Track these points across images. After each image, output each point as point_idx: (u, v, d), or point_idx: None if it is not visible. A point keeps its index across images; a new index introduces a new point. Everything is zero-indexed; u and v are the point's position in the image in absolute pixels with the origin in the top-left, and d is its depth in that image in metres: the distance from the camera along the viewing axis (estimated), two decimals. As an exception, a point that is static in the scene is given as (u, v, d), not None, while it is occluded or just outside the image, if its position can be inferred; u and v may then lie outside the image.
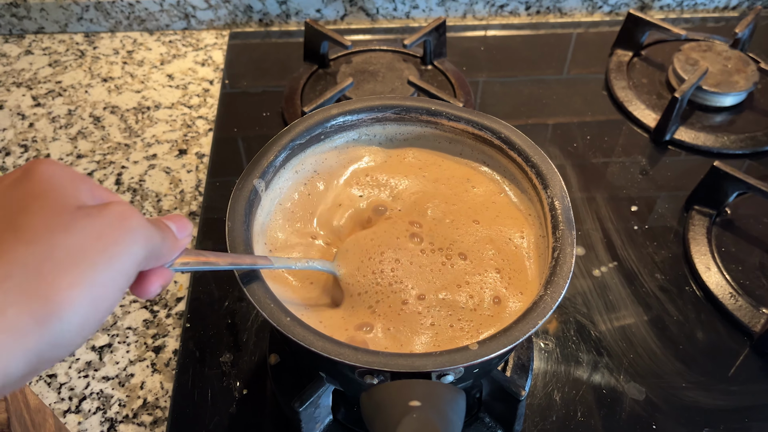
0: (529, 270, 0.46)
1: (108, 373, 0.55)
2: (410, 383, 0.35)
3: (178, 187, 0.70)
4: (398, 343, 0.42)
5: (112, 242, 0.28)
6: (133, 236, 0.29)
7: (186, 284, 0.61)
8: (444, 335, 0.43)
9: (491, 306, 0.44)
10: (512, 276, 0.46)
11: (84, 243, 0.27)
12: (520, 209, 0.49)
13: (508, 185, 0.51)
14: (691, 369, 0.56)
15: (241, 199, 0.45)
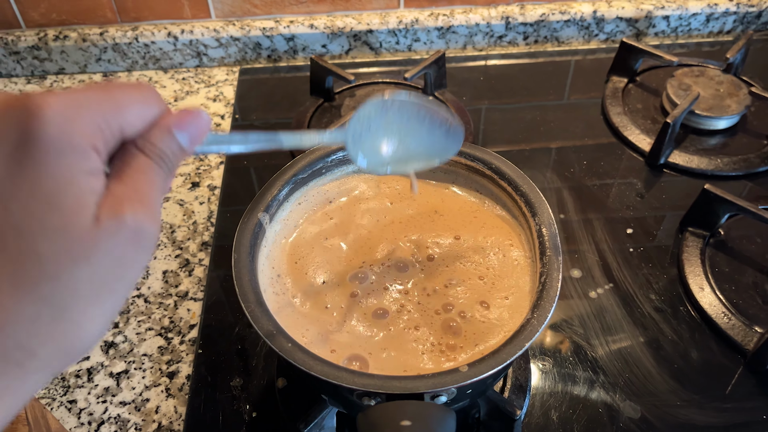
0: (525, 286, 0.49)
1: (125, 398, 0.58)
2: (403, 404, 0.38)
3: (191, 218, 0.73)
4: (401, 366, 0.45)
5: (130, 265, 0.28)
6: (148, 251, 0.29)
7: (198, 312, 0.64)
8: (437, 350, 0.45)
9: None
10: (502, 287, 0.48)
11: (105, 273, 0.27)
12: (510, 226, 0.52)
13: (499, 211, 0.53)
14: (685, 387, 0.57)
15: (246, 232, 0.48)
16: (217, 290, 0.66)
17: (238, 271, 0.45)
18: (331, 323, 0.47)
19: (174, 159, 0.31)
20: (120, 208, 0.27)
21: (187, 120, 0.31)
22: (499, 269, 0.50)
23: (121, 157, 0.29)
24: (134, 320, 0.64)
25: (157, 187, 0.29)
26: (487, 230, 0.53)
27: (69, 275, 0.26)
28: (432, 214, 0.54)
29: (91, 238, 0.26)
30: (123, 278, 0.28)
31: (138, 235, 0.27)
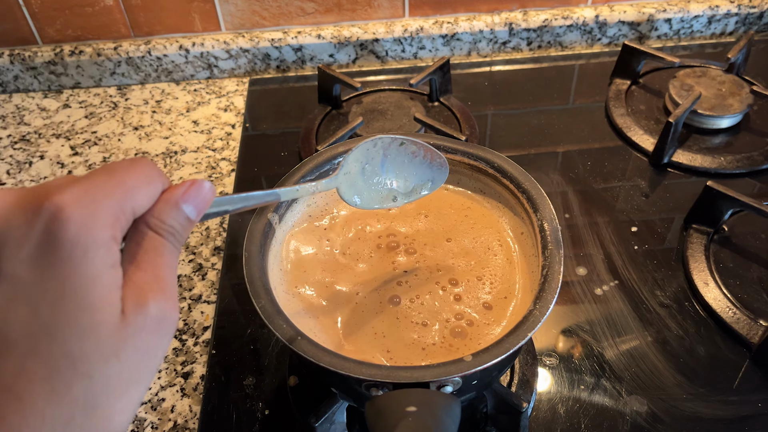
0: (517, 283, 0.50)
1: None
2: (409, 392, 0.39)
3: (204, 224, 0.75)
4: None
5: (154, 353, 0.28)
6: (170, 336, 0.29)
7: (212, 314, 0.66)
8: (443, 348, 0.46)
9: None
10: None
11: (133, 366, 0.27)
12: (510, 229, 0.53)
13: (501, 209, 0.55)
14: (691, 381, 0.58)
15: (256, 232, 0.49)
16: (229, 293, 0.67)
17: (249, 268, 0.47)
18: (338, 322, 0.48)
19: (183, 232, 0.32)
20: (144, 299, 0.28)
21: (191, 192, 0.32)
22: (494, 267, 0.51)
23: (134, 238, 0.30)
24: (149, 323, 0.65)
25: (172, 266, 0.30)
26: (479, 229, 0.54)
27: (100, 373, 0.26)
28: (431, 215, 0.55)
29: (119, 334, 0.27)
30: (149, 368, 0.28)
31: (161, 324, 0.28)
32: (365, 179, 0.47)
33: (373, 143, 0.46)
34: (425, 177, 0.49)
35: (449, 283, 0.50)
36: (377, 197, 0.48)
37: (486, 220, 0.54)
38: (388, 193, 0.48)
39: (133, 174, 0.29)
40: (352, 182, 0.47)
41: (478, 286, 0.50)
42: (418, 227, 0.54)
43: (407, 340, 0.47)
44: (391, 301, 0.49)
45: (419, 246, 0.53)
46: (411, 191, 0.49)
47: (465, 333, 0.47)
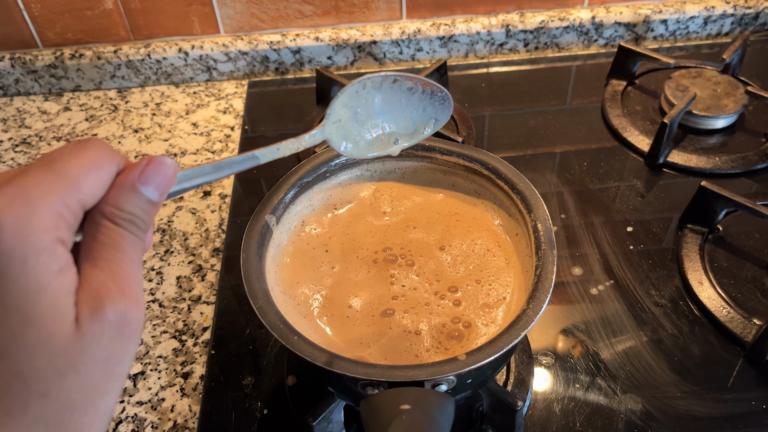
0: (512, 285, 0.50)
1: (141, 398, 0.61)
2: (403, 390, 0.40)
3: (203, 226, 0.76)
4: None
5: (119, 359, 0.26)
6: (136, 339, 0.27)
7: (211, 315, 0.66)
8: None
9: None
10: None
11: (95, 377, 0.25)
12: (505, 231, 0.54)
13: (496, 210, 0.55)
14: (685, 379, 0.59)
15: (254, 233, 0.50)
16: (228, 294, 0.68)
17: (246, 270, 0.48)
18: (334, 324, 0.49)
19: (146, 217, 0.28)
20: (100, 304, 0.25)
21: (149, 171, 0.28)
22: (493, 270, 0.52)
23: (89, 231, 0.27)
24: (149, 324, 0.66)
25: (134, 259, 0.27)
26: (475, 233, 0.54)
27: (58, 389, 0.24)
28: (428, 220, 0.56)
29: (74, 346, 0.24)
30: (114, 375, 0.26)
31: (123, 328, 0.26)
32: (359, 125, 0.43)
33: (362, 84, 0.42)
34: (427, 115, 0.45)
35: (448, 290, 0.50)
36: (376, 143, 0.44)
37: (480, 223, 0.55)
38: (387, 137, 0.45)
39: (76, 162, 0.26)
40: (345, 131, 0.42)
41: (478, 290, 0.50)
42: (411, 238, 0.54)
43: (401, 348, 0.47)
44: (384, 314, 0.49)
45: (416, 257, 0.53)
46: (414, 132, 0.45)
47: (461, 335, 0.48)
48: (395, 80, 0.43)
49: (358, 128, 0.43)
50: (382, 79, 0.43)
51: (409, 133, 0.45)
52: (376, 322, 0.49)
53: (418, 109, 0.45)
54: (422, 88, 0.44)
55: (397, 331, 0.48)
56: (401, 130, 0.45)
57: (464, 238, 0.54)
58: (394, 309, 0.49)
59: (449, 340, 0.47)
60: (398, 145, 0.45)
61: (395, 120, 0.45)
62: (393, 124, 0.45)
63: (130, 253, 0.27)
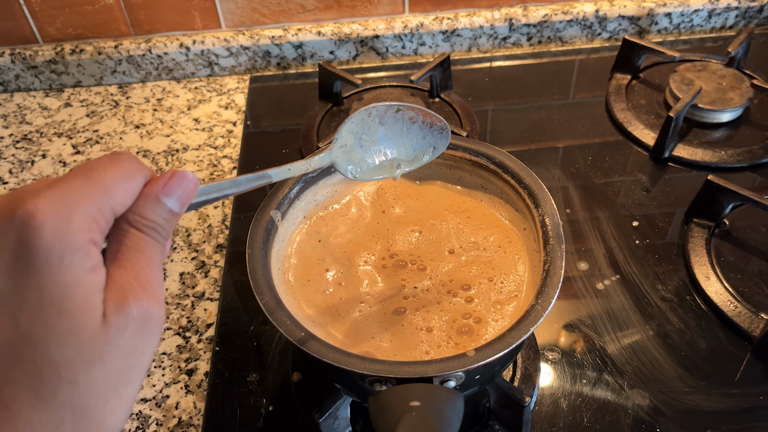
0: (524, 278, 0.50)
1: (146, 395, 0.60)
2: (412, 387, 0.39)
3: (206, 222, 0.75)
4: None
5: (141, 352, 0.28)
6: (157, 334, 0.29)
7: (215, 311, 0.66)
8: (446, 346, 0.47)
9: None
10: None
11: (119, 367, 0.27)
12: (513, 226, 0.53)
13: (503, 205, 0.55)
14: (692, 374, 0.58)
15: (259, 229, 0.50)
16: (232, 290, 0.67)
17: (252, 265, 0.47)
18: (344, 321, 0.49)
19: (167, 226, 0.31)
20: (124, 300, 0.27)
21: (173, 184, 0.31)
22: (504, 266, 0.51)
23: (116, 236, 0.29)
24: (153, 320, 0.66)
25: (156, 262, 0.30)
26: (486, 230, 0.54)
27: (86, 377, 0.26)
28: (437, 217, 0.56)
29: (102, 337, 0.26)
30: (136, 367, 0.28)
31: (145, 323, 0.28)
32: (363, 150, 0.46)
33: (368, 113, 0.45)
34: (426, 143, 0.48)
35: (462, 288, 0.50)
36: (379, 168, 0.46)
37: (490, 220, 0.54)
38: (390, 162, 0.47)
39: (110, 172, 0.28)
40: (349, 155, 0.45)
41: (490, 287, 0.50)
42: (421, 240, 0.54)
43: (411, 344, 0.47)
44: (397, 312, 0.49)
45: (427, 261, 0.52)
46: (413, 159, 0.48)
47: (472, 330, 0.47)
48: (398, 110, 0.46)
49: (362, 154, 0.46)
50: (387, 108, 0.45)
51: (409, 159, 0.48)
52: (388, 320, 0.48)
53: (418, 138, 0.47)
54: (422, 118, 0.47)
55: (409, 329, 0.48)
56: (402, 156, 0.47)
57: (476, 234, 0.53)
58: (405, 307, 0.49)
59: (460, 336, 0.47)
60: (399, 170, 0.48)
61: (397, 147, 0.47)
62: (395, 150, 0.47)
63: (152, 256, 0.29)
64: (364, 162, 0.46)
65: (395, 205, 0.56)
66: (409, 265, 0.51)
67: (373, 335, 0.47)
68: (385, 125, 0.46)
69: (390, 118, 0.46)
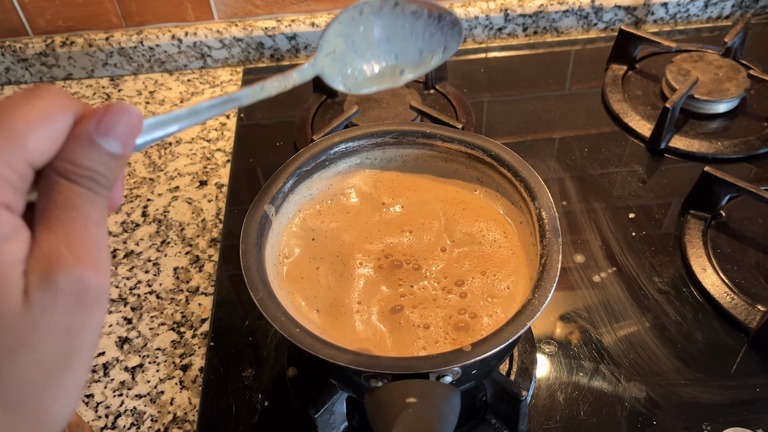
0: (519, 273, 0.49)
1: (140, 391, 0.60)
2: (408, 383, 0.39)
3: (200, 216, 0.75)
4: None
5: (80, 330, 0.24)
6: (100, 307, 0.24)
7: (209, 306, 0.66)
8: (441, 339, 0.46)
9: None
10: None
11: (53, 352, 0.23)
12: (509, 219, 0.53)
13: (499, 198, 0.54)
14: (689, 366, 0.58)
15: (253, 224, 0.49)
16: (226, 285, 0.67)
17: (246, 261, 0.47)
18: (335, 315, 0.48)
19: (108, 173, 0.25)
20: (50, 272, 0.22)
21: (108, 120, 0.25)
22: (499, 260, 0.51)
23: (44, 191, 0.24)
24: (147, 316, 0.65)
25: (94, 219, 0.24)
26: (482, 222, 0.54)
27: (11, 368, 0.22)
28: (431, 211, 0.55)
29: (24, 321, 0.22)
30: (77, 348, 0.24)
31: (81, 297, 0.23)
32: (358, 56, 0.39)
33: (358, 9, 0.38)
34: (435, 42, 0.40)
35: (455, 284, 0.50)
36: (377, 76, 0.40)
37: (486, 213, 0.54)
38: (391, 69, 0.40)
39: (21, 113, 0.23)
40: (341, 64, 0.38)
41: (483, 281, 0.50)
42: (415, 238, 0.53)
43: (408, 341, 0.46)
44: (394, 310, 0.48)
45: (421, 261, 0.51)
46: (420, 62, 0.41)
47: (468, 326, 0.47)
48: (396, 3, 0.39)
49: (356, 60, 0.39)
50: (382, 2, 0.38)
51: (415, 63, 0.41)
52: (386, 318, 0.48)
53: (425, 36, 0.40)
54: (428, 11, 0.39)
55: (406, 326, 0.47)
56: (406, 61, 0.40)
57: (471, 227, 0.53)
58: (402, 305, 0.48)
59: (456, 331, 0.47)
60: (404, 77, 0.40)
61: (399, 49, 0.40)
62: (396, 53, 0.40)
63: (89, 213, 0.24)
64: (358, 70, 0.39)
65: (391, 197, 0.56)
66: (404, 264, 0.51)
67: (371, 332, 0.47)
68: (383, 23, 0.39)
69: (387, 14, 0.39)
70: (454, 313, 0.48)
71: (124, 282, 0.68)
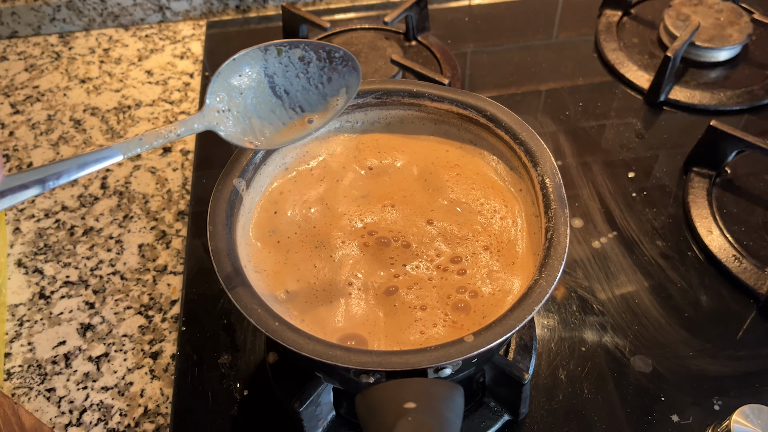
0: (519, 244, 0.45)
1: (107, 383, 0.55)
2: (404, 383, 0.34)
3: (165, 186, 0.68)
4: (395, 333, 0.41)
5: None
6: None
7: (179, 286, 0.60)
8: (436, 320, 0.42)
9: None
10: (501, 250, 0.44)
11: None
12: (508, 186, 0.48)
13: (496, 163, 0.49)
14: (696, 336, 0.55)
15: (221, 201, 0.43)
16: (197, 262, 0.61)
17: (215, 245, 0.41)
18: (321, 300, 0.43)
19: None
20: None
21: None
22: (501, 233, 0.46)
23: None
24: (111, 299, 0.60)
25: None
26: (479, 191, 0.48)
27: None
28: (421, 175, 0.50)
29: None
30: None
31: None
32: (259, 116, 0.38)
33: (238, 65, 0.36)
34: (335, 84, 0.39)
35: (451, 261, 0.44)
36: (288, 129, 0.39)
37: (483, 180, 0.49)
38: (299, 118, 0.39)
39: None
40: (243, 123, 0.37)
41: (482, 256, 0.45)
42: (400, 213, 0.48)
43: (404, 324, 0.42)
44: (388, 292, 0.43)
45: (409, 237, 0.46)
46: (327, 108, 0.40)
47: (468, 306, 0.42)
48: (280, 51, 0.37)
49: (259, 120, 0.38)
50: (262, 53, 0.37)
51: (322, 110, 0.40)
52: (379, 300, 0.43)
53: (323, 81, 0.39)
54: (315, 54, 0.38)
55: (402, 308, 0.42)
56: (312, 110, 0.39)
57: (466, 195, 0.48)
58: (396, 286, 0.43)
59: (456, 312, 0.42)
60: (314, 126, 0.39)
61: (302, 100, 0.39)
62: (300, 105, 0.39)
63: None
64: (265, 128, 0.38)
65: (375, 164, 0.50)
66: (393, 242, 0.46)
67: (363, 316, 0.42)
68: (274, 75, 0.37)
69: (275, 65, 0.37)
70: (452, 292, 0.43)
71: (84, 262, 0.62)
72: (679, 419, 0.50)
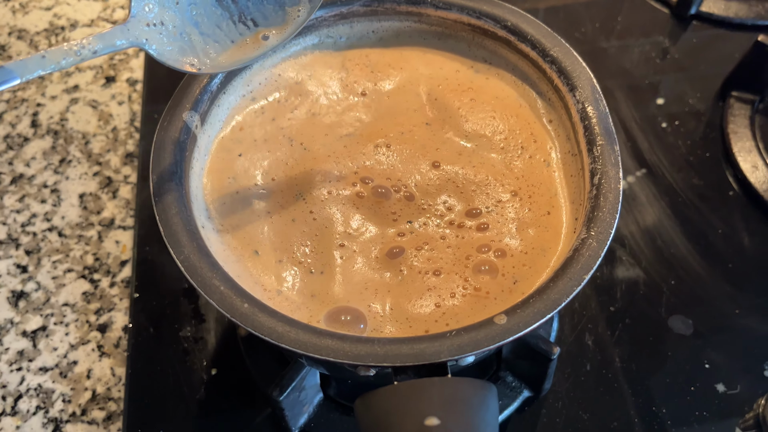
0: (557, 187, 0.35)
1: (45, 362, 0.46)
2: (419, 386, 0.26)
3: (109, 123, 0.57)
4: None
5: None
6: None
7: (130, 244, 0.50)
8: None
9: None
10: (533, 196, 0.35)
11: None
12: (536, 116, 0.38)
13: (519, 87, 0.39)
14: (742, 290, 0.47)
15: (167, 143, 0.33)
16: (151, 214, 0.51)
17: (161, 201, 0.31)
18: (305, 266, 0.34)
19: None
20: None
21: None
22: (530, 175, 0.36)
23: None
24: (47, 260, 0.50)
25: None
26: (501, 120, 0.38)
27: None
28: (424, 102, 0.39)
29: None
30: None
31: None
32: (201, 32, 0.32)
33: None
34: None
35: (466, 215, 0.35)
36: (237, 48, 0.33)
37: (503, 106, 0.39)
38: (251, 35, 0.33)
39: None
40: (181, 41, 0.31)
41: (511, 207, 0.35)
42: (400, 154, 0.37)
43: (415, 294, 0.32)
44: (391, 254, 0.34)
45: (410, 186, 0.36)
46: (285, 20, 0.34)
47: (494, 268, 0.33)
48: None
49: (201, 36, 0.31)
50: None
51: (279, 23, 0.33)
52: (382, 265, 0.33)
53: None
54: None
55: (411, 274, 0.33)
56: (268, 23, 0.33)
57: (485, 127, 0.38)
58: (402, 247, 0.34)
59: (477, 276, 0.33)
60: (269, 41, 0.33)
61: (254, 11, 0.32)
62: (253, 17, 0.32)
63: None
64: (210, 45, 0.32)
65: (366, 87, 0.40)
66: (393, 193, 0.36)
67: (362, 286, 0.33)
68: None
69: None
70: (472, 252, 0.34)
71: (14, 217, 0.52)
72: (726, 389, 0.43)
